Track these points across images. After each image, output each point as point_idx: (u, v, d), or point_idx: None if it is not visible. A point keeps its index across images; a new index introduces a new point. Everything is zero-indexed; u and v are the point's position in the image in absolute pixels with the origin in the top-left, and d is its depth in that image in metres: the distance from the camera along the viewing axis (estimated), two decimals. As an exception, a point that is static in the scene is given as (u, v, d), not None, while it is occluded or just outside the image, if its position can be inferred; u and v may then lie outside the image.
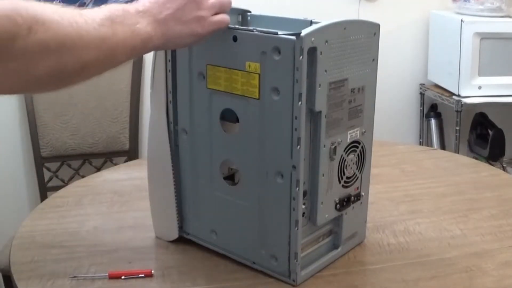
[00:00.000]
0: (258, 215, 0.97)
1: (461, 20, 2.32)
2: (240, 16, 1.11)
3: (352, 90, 0.97)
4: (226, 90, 0.96)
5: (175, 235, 1.10)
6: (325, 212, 0.97)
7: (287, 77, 0.88)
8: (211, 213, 1.04)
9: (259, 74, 0.91)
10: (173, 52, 1.02)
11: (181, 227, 1.10)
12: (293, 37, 0.86)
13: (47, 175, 2.18)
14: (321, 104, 0.91)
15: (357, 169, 1.02)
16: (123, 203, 1.29)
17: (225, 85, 0.96)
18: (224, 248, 1.04)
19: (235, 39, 0.93)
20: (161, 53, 1.03)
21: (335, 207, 0.99)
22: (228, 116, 0.98)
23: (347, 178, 1.00)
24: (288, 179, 0.91)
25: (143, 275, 0.99)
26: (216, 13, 0.92)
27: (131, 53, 0.84)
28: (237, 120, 0.96)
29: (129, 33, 0.82)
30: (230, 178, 1.02)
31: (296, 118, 0.88)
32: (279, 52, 0.88)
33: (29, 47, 0.70)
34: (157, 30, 0.86)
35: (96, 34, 0.77)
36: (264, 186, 0.95)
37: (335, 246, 1.04)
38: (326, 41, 0.89)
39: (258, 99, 0.92)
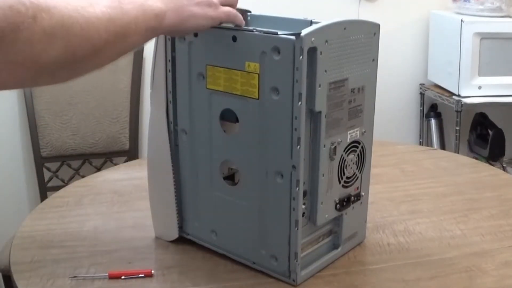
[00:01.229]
0: (258, 215, 0.97)
1: (461, 20, 2.32)
2: (240, 16, 1.11)
3: (352, 90, 0.97)
4: (225, 90, 0.96)
5: (175, 235, 1.09)
6: (325, 212, 0.97)
7: (286, 77, 0.88)
8: (211, 213, 1.04)
9: (258, 74, 0.91)
10: (173, 52, 1.02)
11: (181, 227, 1.10)
12: (293, 37, 0.86)
13: (47, 175, 2.18)
14: (321, 104, 0.91)
15: (357, 169, 1.02)
16: (123, 203, 1.29)
17: (225, 85, 0.96)
18: (224, 248, 1.04)
19: (234, 39, 0.93)
20: (161, 53, 1.03)
21: (335, 207, 0.99)
22: (228, 116, 0.98)
23: (347, 178, 1.00)
24: (288, 179, 0.91)
25: (143, 275, 0.99)
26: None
27: (145, 33, 0.83)
28: (236, 120, 0.96)
29: (140, 10, 0.81)
30: (230, 178, 1.02)
31: (296, 118, 0.88)
32: (279, 52, 0.88)
33: (35, 36, 0.68)
34: (170, 6, 0.85)
35: (104, 16, 0.75)
36: (264, 186, 0.95)
37: (335, 246, 1.04)
38: (326, 41, 0.89)
39: (258, 99, 0.92)
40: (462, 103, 2.35)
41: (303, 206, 0.94)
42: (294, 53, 0.86)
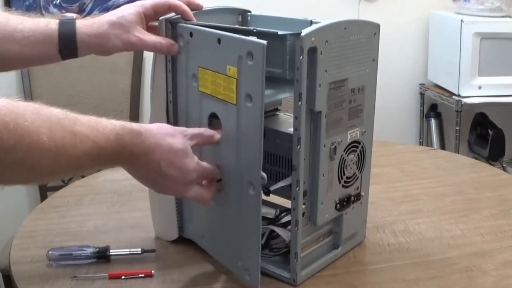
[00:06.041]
0: (232, 224, 0.95)
1: (461, 20, 2.32)
2: (240, 16, 1.11)
3: (352, 90, 0.97)
4: (212, 93, 0.93)
5: (175, 235, 1.09)
6: (325, 212, 0.97)
7: (257, 84, 0.84)
8: (202, 217, 1.03)
9: (236, 79, 0.88)
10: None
11: (181, 227, 1.09)
12: (264, 42, 0.82)
13: (47, 175, 2.17)
14: (321, 104, 0.91)
15: (357, 169, 1.02)
16: (123, 203, 1.29)
17: (211, 88, 0.93)
18: (211, 254, 1.03)
19: (219, 41, 0.90)
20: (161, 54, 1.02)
21: (335, 207, 0.99)
22: (218, 121, 0.95)
23: (347, 178, 1.00)
24: (258, 190, 0.89)
25: (143, 275, 0.99)
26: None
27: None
28: None
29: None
30: None
31: (296, 118, 0.88)
32: (252, 57, 0.84)
33: (6, 162, 0.70)
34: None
35: (75, 163, 0.78)
36: (239, 196, 0.92)
37: (335, 246, 1.04)
38: (326, 41, 0.89)
39: (235, 104, 0.89)
40: (462, 103, 2.35)
41: (303, 206, 0.94)
42: (267, 58, 0.82)
